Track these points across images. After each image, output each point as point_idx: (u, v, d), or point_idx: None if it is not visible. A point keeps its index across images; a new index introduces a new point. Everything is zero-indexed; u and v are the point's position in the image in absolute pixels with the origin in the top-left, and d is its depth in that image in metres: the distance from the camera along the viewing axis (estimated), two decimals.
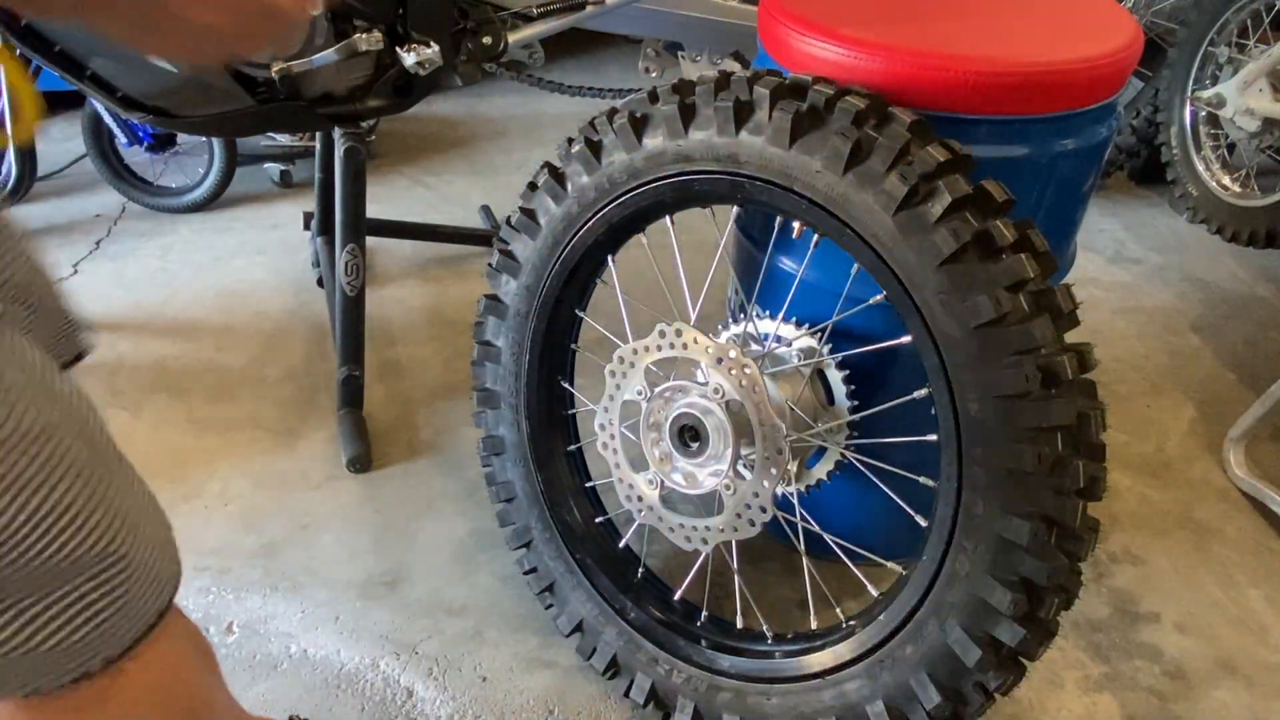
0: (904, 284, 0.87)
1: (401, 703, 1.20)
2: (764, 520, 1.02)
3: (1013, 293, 0.82)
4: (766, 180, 0.93)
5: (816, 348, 1.12)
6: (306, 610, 1.32)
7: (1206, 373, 1.85)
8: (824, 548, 1.09)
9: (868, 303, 1.01)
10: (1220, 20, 2.25)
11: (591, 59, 3.27)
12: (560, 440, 1.23)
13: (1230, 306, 2.06)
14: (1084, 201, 1.15)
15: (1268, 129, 2.13)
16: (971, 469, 0.87)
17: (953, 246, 0.83)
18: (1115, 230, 2.36)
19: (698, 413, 1.02)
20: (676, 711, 1.11)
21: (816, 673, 1.01)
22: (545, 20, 1.42)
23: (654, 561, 1.32)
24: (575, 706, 1.20)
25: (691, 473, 1.05)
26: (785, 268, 1.14)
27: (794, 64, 1.04)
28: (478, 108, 2.90)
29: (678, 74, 2.11)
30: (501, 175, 2.50)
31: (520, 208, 1.12)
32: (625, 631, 1.16)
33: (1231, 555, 1.44)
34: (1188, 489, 1.56)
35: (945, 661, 0.91)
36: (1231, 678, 1.25)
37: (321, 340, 1.88)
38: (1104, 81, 1.02)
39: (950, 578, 0.90)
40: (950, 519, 0.90)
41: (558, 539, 1.21)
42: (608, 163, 1.03)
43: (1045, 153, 1.03)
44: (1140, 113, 2.46)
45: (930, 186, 0.84)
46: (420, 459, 1.59)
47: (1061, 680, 1.24)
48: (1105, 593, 1.37)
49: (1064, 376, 0.82)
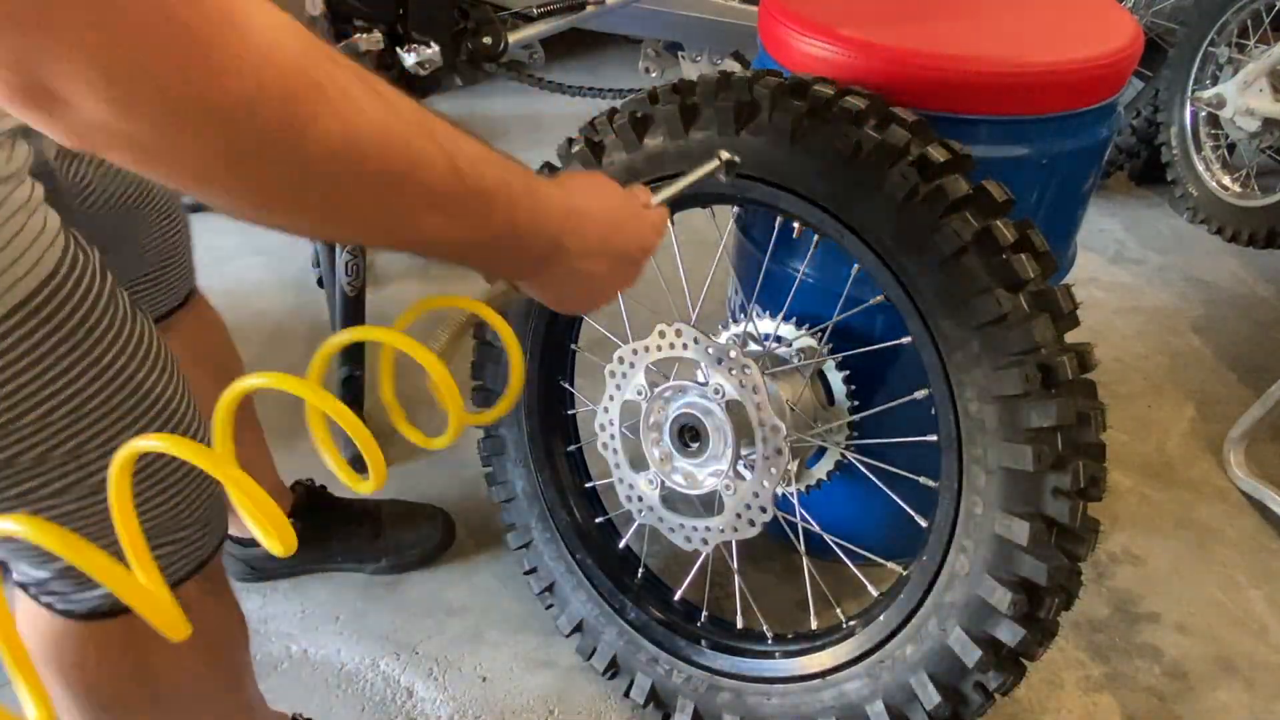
0: (904, 284, 0.87)
1: (401, 703, 1.20)
2: (764, 520, 1.02)
3: (1013, 293, 0.82)
4: (767, 180, 0.93)
5: (817, 348, 1.12)
6: (306, 610, 1.32)
7: (1207, 373, 1.84)
8: (824, 548, 1.09)
9: (868, 303, 1.01)
10: (1220, 20, 2.25)
11: (591, 59, 3.27)
12: (560, 440, 1.23)
13: (1231, 307, 2.06)
14: (1084, 202, 1.15)
15: (1268, 129, 2.13)
16: (971, 469, 0.87)
17: (953, 246, 0.83)
18: (1115, 230, 2.36)
19: (698, 413, 1.02)
20: (676, 712, 1.11)
21: (816, 673, 1.01)
22: (545, 20, 1.42)
23: (654, 561, 1.32)
24: (575, 706, 1.20)
25: (692, 473, 1.05)
26: (785, 268, 1.14)
27: (794, 64, 1.04)
28: (478, 108, 2.90)
29: (678, 74, 2.11)
30: None
31: None
32: (625, 631, 1.16)
33: (1232, 555, 1.44)
34: (1188, 489, 1.56)
35: (945, 661, 0.91)
36: (1232, 678, 1.25)
37: (321, 340, 1.87)
38: (1104, 81, 1.02)
39: (950, 578, 0.90)
40: (950, 519, 0.90)
41: (558, 539, 1.21)
42: (608, 163, 1.03)
43: (1045, 153, 1.03)
44: (1140, 113, 2.46)
45: (930, 187, 0.83)
46: (420, 459, 1.58)
47: (1061, 680, 1.24)
48: (1105, 593, 1.37)
49: (1064, 376, 0.82)
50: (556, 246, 0.59)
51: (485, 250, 0.56)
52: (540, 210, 0.57)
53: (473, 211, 0.51)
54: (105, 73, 0.33)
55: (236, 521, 1.29)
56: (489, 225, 0.53)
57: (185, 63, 0.34)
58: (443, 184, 0.48)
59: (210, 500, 0.72)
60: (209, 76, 0.35)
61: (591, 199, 0.64)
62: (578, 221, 0.60)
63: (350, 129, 0.41)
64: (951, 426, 0.88)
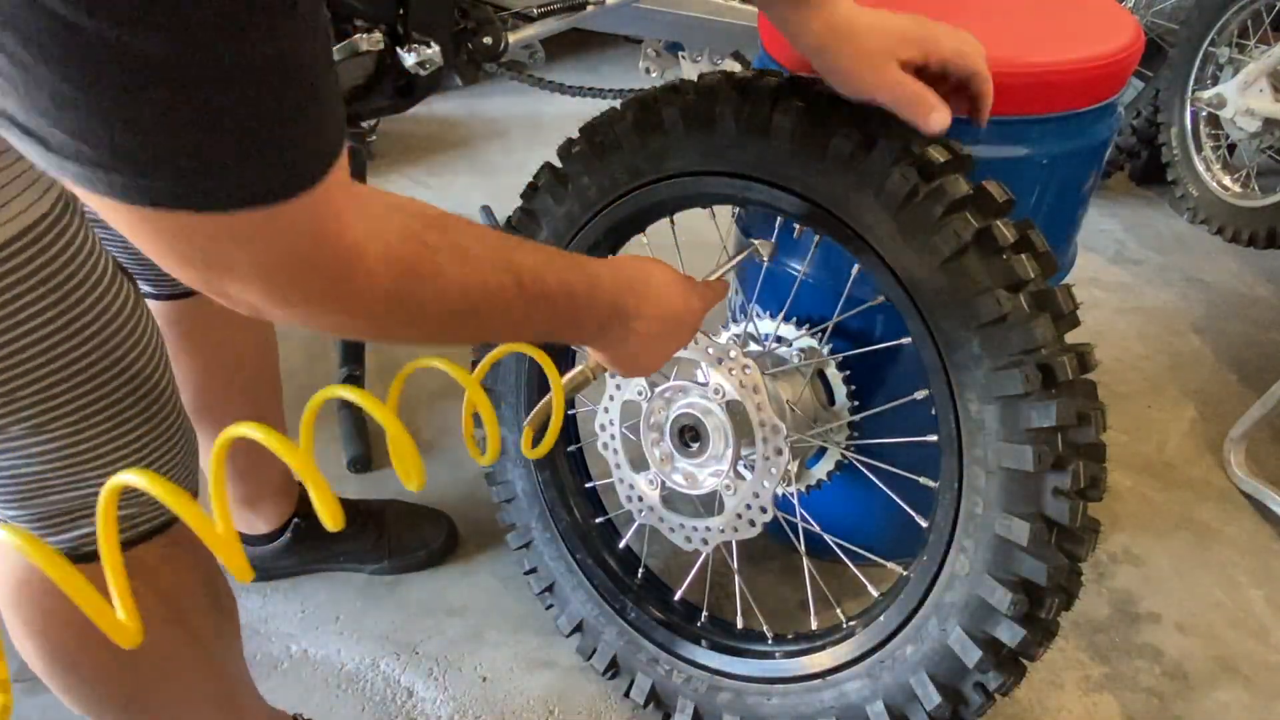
0: (904, 285, 0.87)
1: (402, 703, 1.20)
2: (764, 520, 1.02)
3: (1013, 293, 0.82)
4: (767, 180, 0.93)
5: (817, 348, 1.12)
6: (306, 610, 1.32)
7: (1207, 373, 1.84)
8: (824, 548, 1.09)
9: (869, 303, 1.01)
10: (1220, 20, 2.25)
11: (591, 59, 3.27)
12: (560, 440, 1.23)
13: (1231, 307, 2.06)
14: (1085, 202, 1.15)
15: (1268, 129, 2.13)
16: (972, 469, 0.87)
17: (953, 247, 0.82)
18: (1116, 230, 2.36)
19: (698, 413, 1.02)
20: (677, 712, 1.11)
21: (817, 673, 1.01)
22: (545, 20, 1.42)
23: (654, 562, 1.32)
24: (575, 706, 1.20)
25: (692, 473, 1.05)
26: (786, 268, 1.14)
27: (794, 64, 1.04)
28: (478, 108, 2.90)
29: (678, 74, 2.11)
30: (502, 175, 2.50)
31: (522, 207, 1.12)
32: (626, 631, 1.16)
33: (1232, 556, 1.44)
34: (1188, 489, 1.56)
35: (945, 662, 0.91)
36: (1232, 678, 1.25)
37: (322, 340, 1.88)
38: (1104, 82, 1.02)
39: (950, 578, 0.90)
40: (950, 519, 0.90)
41: (558, 539, 1.21)
42: (609, 163, 1.03)
43: (1046, 153, 1.03)
44: (1141, 113, 2.46)
45: (931, 187, 0.83)
46: (420, 459, 1.59)
47: (1061, 680, 1.24)
48: (1105, 593, 1.37)
49: (1064, 377, 0.82)
50: (614, 313, 0.70)
51: (550, 336, 0.70)
52: (596, 290, 0.69)
53: (537, 312, 0.64)
54: (266, 293, 0.48)
55: (238, 520, 1.30)
56: (552, 320, 0.66)
57: (324, 282, 0.49)
58: (513, 303, 0.61)
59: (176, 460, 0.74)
60: (339, 284, 0.49)
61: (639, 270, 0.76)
62: (630, 292, 0.72)
63: (440, 292, 0.55)
64: (952, 427, 0.88)
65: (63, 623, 0.74)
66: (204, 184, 0.41)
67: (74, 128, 0.38)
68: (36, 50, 0.36)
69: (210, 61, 0.38)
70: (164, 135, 0.39)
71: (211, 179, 0.41)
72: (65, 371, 0.63)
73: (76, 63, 0.36)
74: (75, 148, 0.39)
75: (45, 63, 0.36)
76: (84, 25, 0.35)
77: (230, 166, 0.41)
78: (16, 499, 0.67)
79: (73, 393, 0.64)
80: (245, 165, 0.42)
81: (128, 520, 0.71)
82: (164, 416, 0.71)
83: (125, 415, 0.68)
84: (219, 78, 0.39)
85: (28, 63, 0.36)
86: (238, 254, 0.45)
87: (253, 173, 0.42)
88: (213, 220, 0.43)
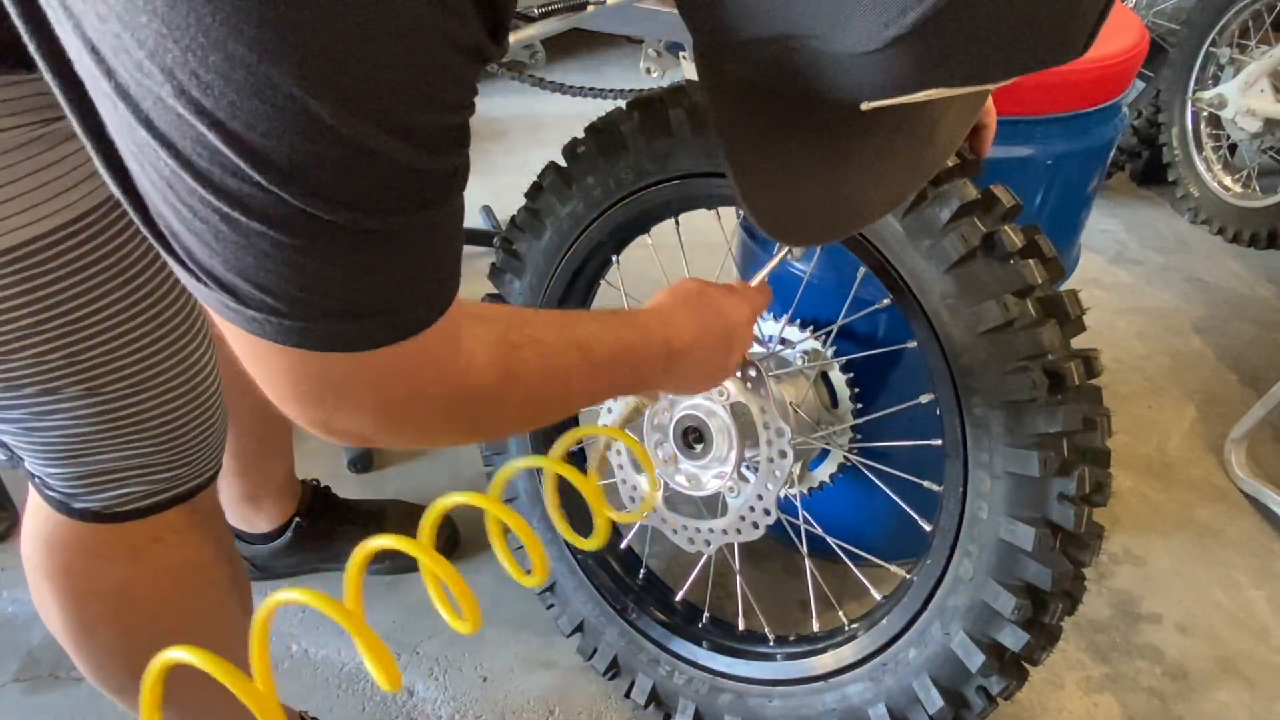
0: (911, 288, 0.87)
1: (402, 703, 1.20)
2: (767, 522, 1.02)
3: (1020, 298, 0.82)
4: None
5: (821, 350, 1.11)
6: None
7: (1208, 373, 1.85)
8: (827, 550, 1.09)
9: (873, 306, 1.00)
10: (1221, 21, 2.25)
11: (592, 59, 3.27)
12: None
13: (1231, 307, 2.06)
14: (1087, 202, 1.15)
15: (1269, 130, 2.13)
16: (977, 473, 0.87)
17: (960, 251, 0.82)
18: (1117, 231, 2.36)
19: (702, 415, 1.01)
20: (677, 713, 1.11)
21: (819, 675, 1.01)
22: (546, 20, 1.41)
23: (656, 562, 1.32)
24: (576, 707, 1.19)
25: (695, 475, 1.05)
26: (790, 270, 1.14)
27: None
28: (478, 108, 2.88)
29: (679, 74, 2.10)
30: (503, 175, 2.49)
31: (525, 207, 1.12)
32: (626, 632, 1.16)
33: (1233, 556, 1.44)
34: (1189, 490, 1.56)
35: (948, 665, 0.91)
36: (1233, 678, 1.25)
37: None
38: (1108, 82, 1.02)
39: (954, 582, 0.90)
40: (955, 523, 0.90)
41: (559, 539, 1.20)
42: (615, 163, 1.03)
43: (1050, 153, 1.03)
44: (1142, 113, 2.46)
45: (937, 191, 0.83)
46: (420, 459, 1.58)
47: (1062, 681, 1.24)
48: (1106, 593, 1.37)
49: (1071, 382, 0.82)
50: (668, 352, 0.73)
51: (623, 391, 0.74)
52: (649, 336, 0.72)
53: (604, 376, 0.67)
54: (381, 421, 0.49)
55: (239, 517, 1.29)
56: (618, 379, 0.70)
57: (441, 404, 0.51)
58: (586, 375, 0.64)
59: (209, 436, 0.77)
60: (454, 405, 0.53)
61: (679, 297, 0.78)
62: (673, 324, 0.74)
63: (530, 387, 0.58)
64: (957, 431, 0.88)
65: (86, 590, 0.76)
66: (360, 328, 0.43)
67: (263, 282, 0.40)
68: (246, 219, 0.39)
69: (408, 228, 0.42)
70: (347, 289, 0.42)
71: (369, 323, 0.43)
72: (124, 339, 0.66)
73: (283, 230, 0.39)
74: (260, 299, 0.41)
75: (253, 230, 0.39)
76: (329, 217, 0.39)
77: (387, 312, 0.44)
78: (62, 457, 0.69)
79: (128, 359, 0.67)
80: (402, 307, 0.44)
81: (169, 482, 0.75)
82: (204, 391, 0.75)
83: (171, 386, 0.71)
84: (408, 239, 0.42)
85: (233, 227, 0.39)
86: (364, 390, 0.47)
87: (407, 313, 0.45)
88: (351, 359, 0.44)
